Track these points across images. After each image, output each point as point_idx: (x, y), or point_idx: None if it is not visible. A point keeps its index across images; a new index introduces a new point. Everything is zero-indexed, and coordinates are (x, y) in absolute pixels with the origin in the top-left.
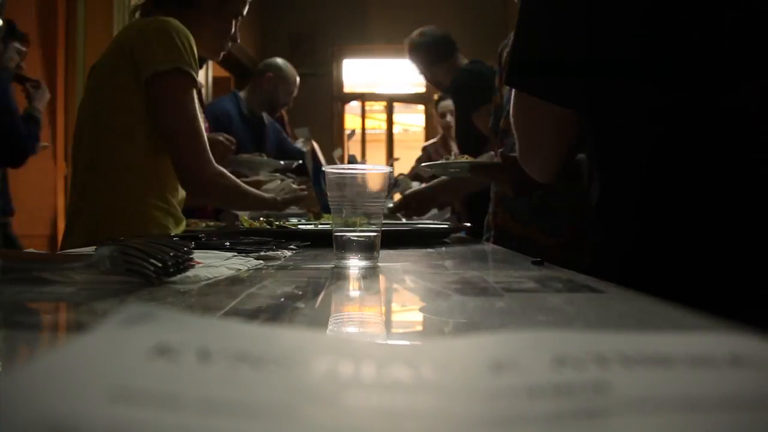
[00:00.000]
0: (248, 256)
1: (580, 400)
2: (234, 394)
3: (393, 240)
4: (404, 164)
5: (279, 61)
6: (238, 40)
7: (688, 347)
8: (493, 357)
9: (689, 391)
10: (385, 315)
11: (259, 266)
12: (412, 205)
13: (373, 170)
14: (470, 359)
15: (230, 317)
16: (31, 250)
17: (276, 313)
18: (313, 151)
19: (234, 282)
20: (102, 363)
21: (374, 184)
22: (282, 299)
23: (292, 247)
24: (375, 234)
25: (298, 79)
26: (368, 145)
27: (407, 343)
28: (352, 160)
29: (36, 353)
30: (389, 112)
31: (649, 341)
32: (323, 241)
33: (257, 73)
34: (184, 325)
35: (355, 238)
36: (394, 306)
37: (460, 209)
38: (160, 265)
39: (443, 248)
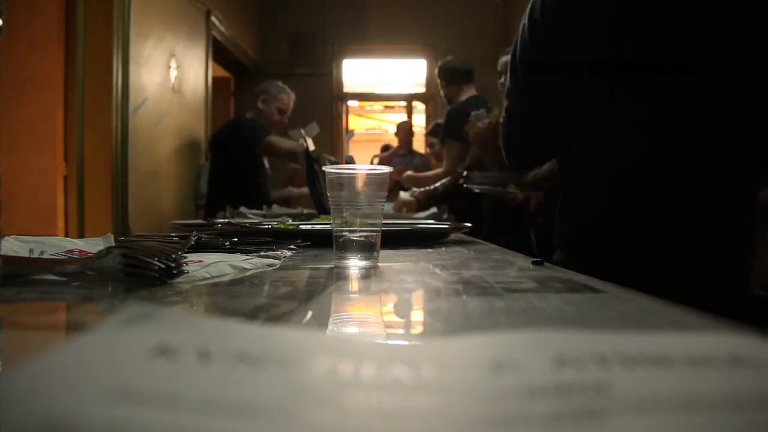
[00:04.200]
0: (248, 256)
1: (580, 400)
2: (234, 394)
3: (393, 240)
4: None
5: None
6: None
7: (688, 347)
8: (493, 357)
9: (689, 391)
10: (385, 315)
11: (259, 266)
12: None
13: (373, 170)
14: (470, 359)
15: (230, 317)
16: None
17: (276, 313)
18: (307, 150)
19: (234, 282)
20: (102, 363)
21: (374, 184)
22: (282, 299)
23: (292, 247)
24: (375, 234)
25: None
26: (368, 145)
27: (407, 343)
28: (349, 160)
29: (36, 353)
30: (409, 111)
31: (649, 341)
32: (323, 241)
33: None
34: (184, 325)
35: (355, 238)
36: (394, 306)
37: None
38: (163, 266)
39: (443, 248)
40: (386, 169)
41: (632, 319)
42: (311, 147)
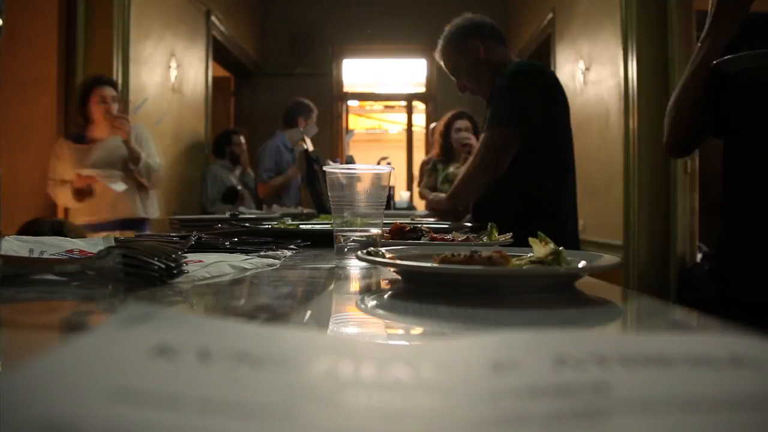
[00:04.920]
0: (248, 256)
1: (580, 400)
2: (234, 394)
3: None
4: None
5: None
6: None
7: (688, 347)
8: (493, 357)
9: (689, 391)
10: (386, 315)
11: (259, 266)
12: None
13: (373, 170)
14: (471, 359)
15: (230, 317)
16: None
17: (276, 313)
18: (306, 151)
19: (234, 282)
20: (102, 363)
21: (374, 184)
22: (282, 299)
23: (292, 246)
24: (375, 234)
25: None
26: (366, 145)
27: (407, 343)
28: (349, 160)
29: (36, 353)
30: (409, 111)
31: (649, 341)
32: (323, 241)
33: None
34: (184, 325)
35: (356, 238)
36: (394, 306)
37: None
38: (163, 266)
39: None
40: (387, 168)
41: (632, 319)
42: (311, 147)
